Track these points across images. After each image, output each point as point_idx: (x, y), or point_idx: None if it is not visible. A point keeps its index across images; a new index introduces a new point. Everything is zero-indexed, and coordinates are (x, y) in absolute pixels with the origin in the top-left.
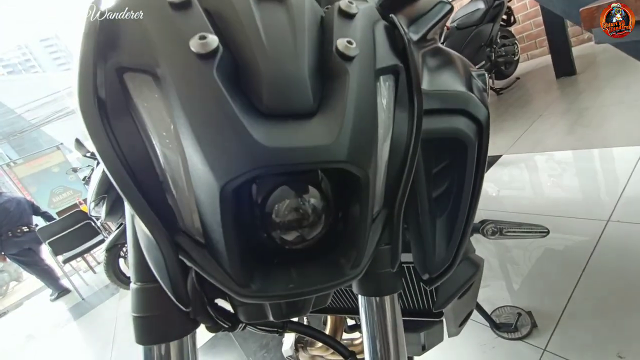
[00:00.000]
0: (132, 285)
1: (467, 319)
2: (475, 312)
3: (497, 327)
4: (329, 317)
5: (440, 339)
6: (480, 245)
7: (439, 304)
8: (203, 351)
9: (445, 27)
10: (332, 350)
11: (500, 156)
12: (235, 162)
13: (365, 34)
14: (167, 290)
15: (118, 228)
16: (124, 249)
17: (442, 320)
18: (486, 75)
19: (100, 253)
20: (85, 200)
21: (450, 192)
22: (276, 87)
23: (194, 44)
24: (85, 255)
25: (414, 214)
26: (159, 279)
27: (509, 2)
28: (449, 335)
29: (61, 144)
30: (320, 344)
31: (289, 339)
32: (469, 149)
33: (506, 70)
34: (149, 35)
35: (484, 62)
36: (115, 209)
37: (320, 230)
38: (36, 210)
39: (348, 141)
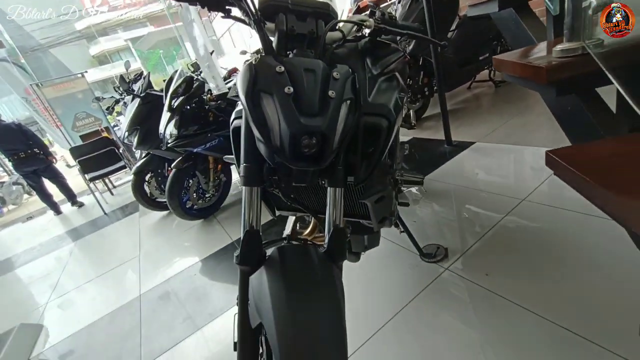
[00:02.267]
0: (243, 164)
1: (382, 221)
2: (411, 245)
3: (424, 255)
4: (312, 220)
5: (376, 244)
6: (428, 205)
7: (363, 197)
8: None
9: (458, 17)
10: (314, 235)
11: (474, 143)
12: (295, 127)
13: (341, 87)
14: (269, 162)
15: (145, 156)
16: (149, 175)
17: (378, 232)
18: (405, 97)
19: (117, 178)
20: (106, 128)
21: (372, 151)
22: (307, 106)
23: (286, 89)
24: (104, 178)
25: (357, 157)
26: (266, 159)
27: None
28: (374, 230)
29: (85, 71)
30: (307, 230)
31: (289, 226)
32: (382, 133)
33: None
34: (269, 82)
35: (487, 55)
36: (146, 140)
37: (315, 150)
38: (30, 137)
39: (327, 125)
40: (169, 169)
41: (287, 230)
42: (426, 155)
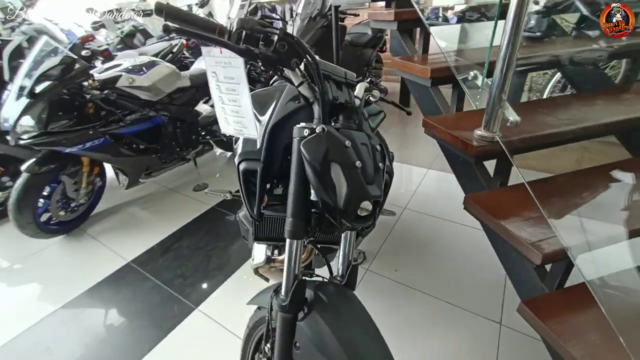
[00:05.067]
0: (290, 218)
1: None
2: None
3: None
4: None
5: (333, 260)
6: None
7: (362, 235)
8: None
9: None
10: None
11: None
12: (364, 196)
13: (382, 157)
14: (331, 218)
15: None
16: None
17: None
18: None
19: None
20: None
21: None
22: (368, 176)
23: (357, 164)
24: None
25: None
26: (328, 215)
27: (386, 35)
28: None
29: None
30: (280, 261)
31: (261, 252)
32: (387, 189)
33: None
34: (340, 155)
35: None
36: None
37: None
38: None
39: (381, 192)
40: None
41: (261, 257)
42: None
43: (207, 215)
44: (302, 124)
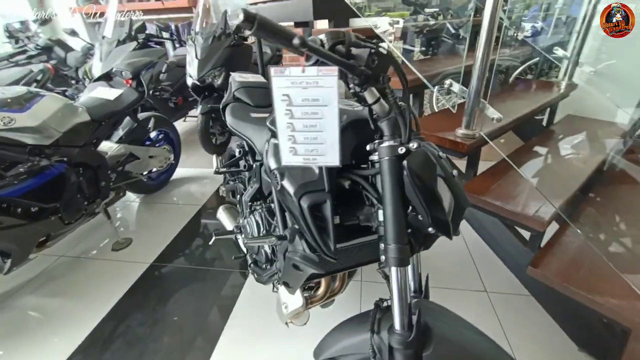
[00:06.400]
0: (394, 244)
1: None
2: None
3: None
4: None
5: None
6: None
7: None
8: None
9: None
10: (327, 295)
11: None
12: (467, 203)
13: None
14: (441, 232)
15: None
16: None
17: None
18: None
19: None
20: None
21: None
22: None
23: (454, 172)
24: None
25: None
26: (439, 231)
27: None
28: None
29: None
30: (320, 291)
31: (296, 300)
32: None
33: None
34: (442, 169)
35: None
36: None
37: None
38: None
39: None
40: None
41: (298, 301)
42: None
43: (147, 277)
44: (388, 143)
